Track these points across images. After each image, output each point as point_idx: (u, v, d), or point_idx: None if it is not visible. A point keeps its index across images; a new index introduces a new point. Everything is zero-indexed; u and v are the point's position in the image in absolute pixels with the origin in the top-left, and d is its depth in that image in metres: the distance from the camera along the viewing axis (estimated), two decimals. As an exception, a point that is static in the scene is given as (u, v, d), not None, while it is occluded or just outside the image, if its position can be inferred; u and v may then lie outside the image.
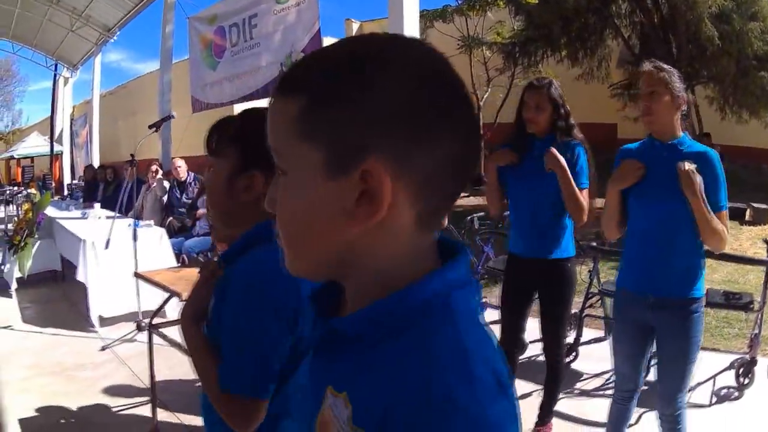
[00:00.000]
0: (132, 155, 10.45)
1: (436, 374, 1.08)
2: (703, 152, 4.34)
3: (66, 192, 21.80)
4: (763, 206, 17.25)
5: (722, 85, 19.54)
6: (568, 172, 5.20)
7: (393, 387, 1.10)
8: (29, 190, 23.20)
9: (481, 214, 11.95)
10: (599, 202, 5.37)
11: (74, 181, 25.98)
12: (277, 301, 2.30)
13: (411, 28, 9.63)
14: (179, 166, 13.77)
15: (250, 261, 2.38)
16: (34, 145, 40.22)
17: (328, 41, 12.80)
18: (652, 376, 5.10)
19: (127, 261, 9.95)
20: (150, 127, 10.08)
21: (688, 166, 4.19)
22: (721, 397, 6.65)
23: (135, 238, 9.64)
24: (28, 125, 69.03)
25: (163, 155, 17.04)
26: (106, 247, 9.55)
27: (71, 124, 31.19)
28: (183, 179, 13.79)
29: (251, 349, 2.31)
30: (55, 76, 29.50)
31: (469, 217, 11.80)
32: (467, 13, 24.83)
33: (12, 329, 10.25)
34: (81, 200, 17.59)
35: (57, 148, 31.21)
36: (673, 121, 4.41)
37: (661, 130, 4.47)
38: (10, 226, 21.94)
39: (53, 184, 25.43)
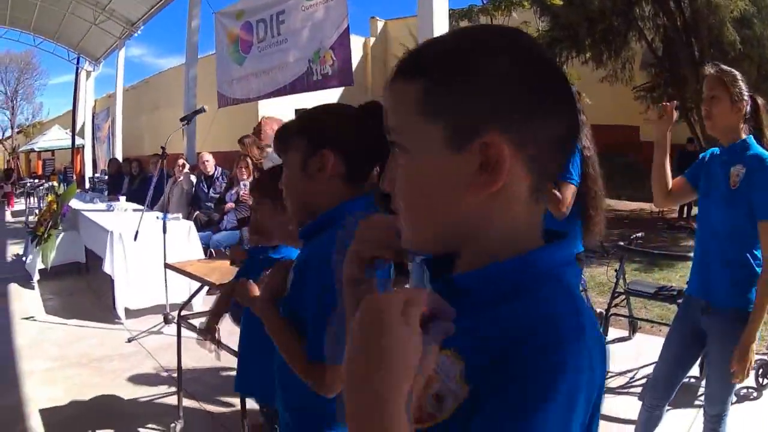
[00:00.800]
0: (163, 148, 10.45)
1: (553, 339, 1.16)
2: (758, 156, 4.20)
3: (88, 185, 21.85)
4: None
5: (744, 91, 19.47)
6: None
7: (508, 346, 1.15)
8: (51, 183, 23.29)
9: None
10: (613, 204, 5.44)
11: (96, 175, 26.02)
12: None
13: (440, 26, 9.60)
14: (207, 161, 13.82)
15: (327, 241, 2.45)
16: (56, 138, 40.36)
17: (354, 39, 12.78)
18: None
19: (154, 253, 9.98)
20: (181, 120, 10.15)
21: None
22: (741, 396, 6.69)
23: (165, 230, 9.64)
24: (48, 118, 69.29)
25: (188, 150, 17.06)
26: (135, 239, 9.51)
27: (93, 117, 31.22)
28: (210, 173, 13.84)
29: (332, 320, 2.21)
30: (77, 69, 29.53)
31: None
32: (492, 13, 24.89)
33: (35, 320, 10.30)
34: (106, 193, 17.64)
35: (78, 141, 31.27)
36: (735, 124, 4.31)
37: (721, 133, 4.39)
38: (31, 218, 22.11)
39: (74, 177, 25.45)
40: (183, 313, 6.80)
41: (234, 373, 7.49)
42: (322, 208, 2.67)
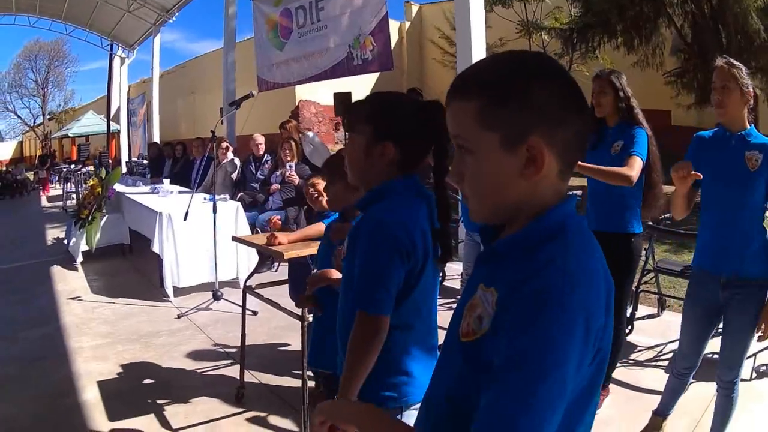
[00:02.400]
0: (213, 131, 10.61)
1: (547, 272, 1.64)
2: None
3: (125, 169, 22.02)
4: None
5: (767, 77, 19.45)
6: (595, 171, 5.73)
7: (524, 275, 1.65)
8: (87, 168, 23.44)
9: None
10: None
11: (133, 159, 26.14)
12: (397, 240, 2.93)
13: (476, 10, 9.70)
14: (259, 143, 13.96)
15: (378, 210, 3.05)
16: (90, 124, 40.61)
17: (390, 24, 12.93)
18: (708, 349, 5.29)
19: (203, 233, 10.22)
20: (230, 104, 10.36)
21: None
22: (761, 373, 6.91)
23: (215, 210, 9.85)
24: (80, 105, 69.46)
25: (229, 133, 17.19)
26: (185, 219, 9.69)
27: (128, 103, 31.36)
28: (261, 155, 13.96)
29: (378, 276, 2.93)
30: (110, 56, 29.65)
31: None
32: (526, -1, 25.05)
33: (81, 300, 10.48)
34: (148, 176, 17.80)
35: (113, 126, 31.43)
36: (742, 113, 4.71)
37: (731, 121, 4.77)
38: (69, 203, 22.25)
39: (110, 162, 25.60)
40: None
41: (285, 348, 7.71)
42: (376, 183, 3.14)
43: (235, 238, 7.66)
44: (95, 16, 26.68)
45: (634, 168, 5.63)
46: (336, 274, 3.84)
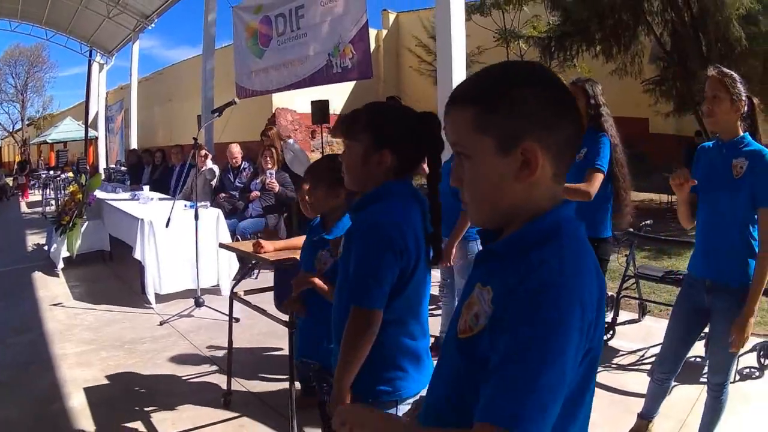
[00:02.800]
0: (195, 138, 10.67)
1: (545, 269, 1.74)
2: (759, 150, 4.69)
3: (103, 176, 21.98)
4: None
5: (751, 84, 19.50)
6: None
7: (516, 279, 1.75)
8: (66, 174, 23.45)
9: None
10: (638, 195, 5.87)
11: (112, 165, 26.12)
12: (391, 240, 3.08)
13: (457, 18, 9.79)
14: (236, 157, 14.01)
15: (373, 211, 3.19)
16: (68, 130, 40.51)
17: (370, 32, 13.06)
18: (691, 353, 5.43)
19: (184, 240, 10.26)
20: (213, 111, 10.37)
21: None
22: (744, 375, 7.07)
23: (197, 217, 9.90)
24: (59, 111, 69.28)
25: (207, 141, 17.22)
26: (167, 225, 9.73)
27: (106, 109, 31.31)
28: (238, 165, 14.01)
29: (372, 273, 3.08)
30: (89, 62, 29.64)
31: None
32: (504, 6, 25.13)
33: (63, 306, 10.49)
34: (128, 183, 17.82)
35: (91, 133, 31.40)
36: (734, 122, 4.79)
37: (721, 129, 4.88)
38: (48, 209, 22.24)
39: (87, 168, 25.56)
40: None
41: (269, 354, 7.77)
42: (371, 188, 3.29)
43: (222, 245, 7.72)
44: (75, 22, 26.68)
45: (593, 184, 5.90)
46: (316, 280, 4.02)
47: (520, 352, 1.64)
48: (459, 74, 9.48)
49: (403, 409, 3.26)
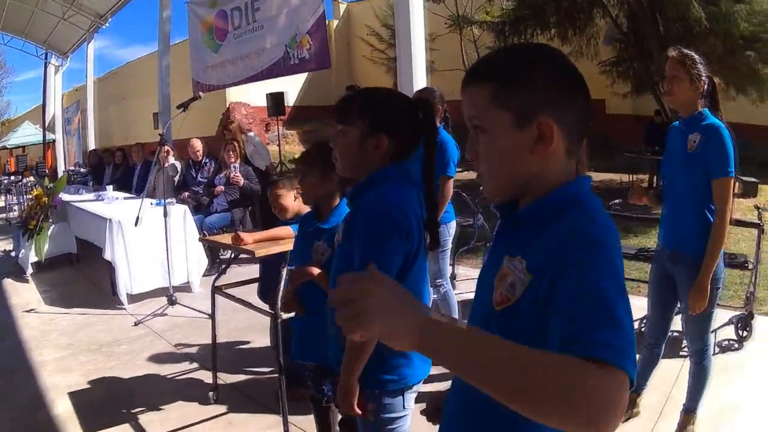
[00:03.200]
0: (161, 135, 10.71)
1: (578, 227, 1.83)
2: (712, 124, 4.93)
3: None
4: (752, 179, 18.17)
5: (710, 63, 19.55)
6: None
7: (553, 243, 1.81)
8: (27, 179, 23.32)
9: None
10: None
11: (71, 168, 25.94)
12: (395, 222, 3.09)
13: (417, 7, 9.79)
14: (198, 150, 14.00)
15: (376, 194, 3.18)
16: (26, 134, 40.22)
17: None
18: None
19: (154, 238, 10.27)
20: (178, 107, 10.26)
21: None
22: (724, 347, 7.32)
23: (166, 214, 9.90)
24: (16, 116, 68.75)
25: (166, 137, 17.17)
26: (136, 224, 9.68)
27: (63, 111, 31.11)
28: (200, 160, 14.00)
29: (379, 256, 3.02)
30: (45, 65, 29.47)
31: (480, 187, 12.14)
32: (458, -7, 25.25)
33: (37, 312, 10.42)
34: (90, 184, 17.75)
35: (49, 136, 31.22)
36: (692, 99, 5.04)
37: (681, 107, 5.15)
38: (11, 214, 22.09)
39: (46, 172, 25.41)
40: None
41: (248, 348, 7.78)
42: (366, 174, 3.28)
43: (204, 239, 7.74)
44: (31, 25, 26.37)
45: None
46: (316, 270, 3.99)
47: (595, 293, 1.63)
48: (419, 60, 9.48)
49: (410, 397, 3.31)
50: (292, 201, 5.88)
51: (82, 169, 21.97)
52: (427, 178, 3.31)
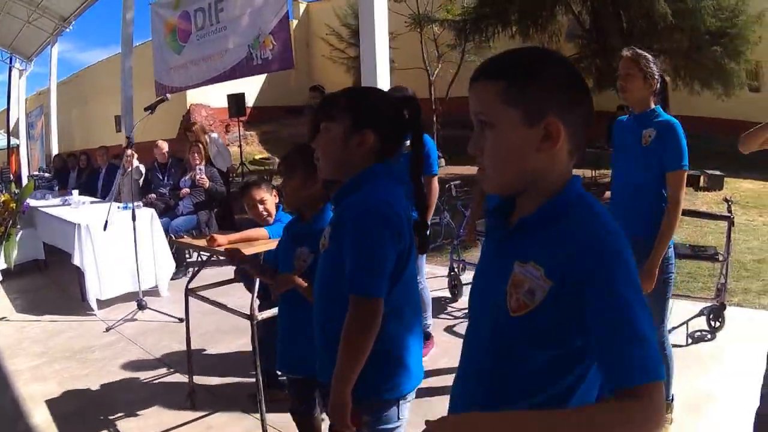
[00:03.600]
0: (128, 137, 10.72)
1: (595, 233, 1.96)
2: (667, 121, 5.25)
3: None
4: (717, 173, 18.56)
5: (674, 58, 19.70)
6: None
7: (571, 247, 1.94)
8: (-8, 185, 23.16)
9: (458, 182, 12.60)
10: None
11: (34, 172, 25.78)
12: (389, 221, 3.03)
13: (380, 4, 9.79)
14: (165, 151, 14.00)
15: (365, 193, 3.11)
16: (-11, 141, 40.00)
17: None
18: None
19: (122, 243, 10.26)
20: (145, 109, 10.27)
21: None
22: (697, 338, 7.55)
23: (134, 218, 9.86)
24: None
25: (131, 140, 17.10)
26: (105, 229, 9.69)
27: (27, 116, 30.91)
28: (165, 162, 13.97)
29: (372, 258, 2.99)
30: (10, 69, 29.26)
31: (447, 185, 12.17)
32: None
33: (8, 320, 10.36)
34: (56, 189, 17.66)
35: (12, 141, 31.02)
36: (646, 97, 5.35)
37: (634, 104, 5.44)
38: (-23, 221, 21.89)
39: (11, 177, 25.26)
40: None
41: (219, 352, 7.78)
42: (351, 174, 3.21)
43: (177, 241, 7.73)
44: (-3, 29, 26.27)
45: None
46: (299, 280, 4.00)
47: (624, 312, 1.84)
48: (383, 59, 9.50)
49: (405, 407, 3.25)
50: (273, 204, 5.90)
51: (46, 174, 21.86)
52: (415, 178, 3.29)
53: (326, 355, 3.21)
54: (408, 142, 3.35)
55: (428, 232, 3.37)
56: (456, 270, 10.47)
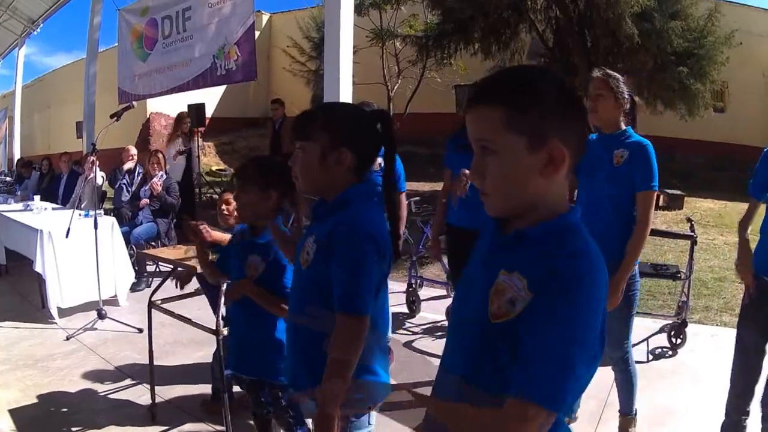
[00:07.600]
0: (93, 144, 10.67)
1: (574, 254, 2.04)
2: (638, 142, 5.38)
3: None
4: (677, 192, 18.77)
5: (638, 78, 19.80)
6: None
7: (551, 261, 2.00)
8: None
9: (417, 198, 12.63)
10: None
11: (-2, 177, 25.65)
12: (375, 242, 3.11)
13: (346, 16, 9.83)
14: (133, 155, 14.02)
15: (352, 215, 3.18)
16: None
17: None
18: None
19: (83, 250, 10.22)
20: (111, 116, 10.21)
21: None
22: (658, 355, 7.77)
23: (96, 226, 9.85)
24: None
25: (88, 147, 17.01)
26: (67, 236, 9.64)
27: (-9, 119, 30.72)
28: (132, 168, 13.89)
29: (362, 277, 3.07)
30: (-24, 72, 29.13)
31: (407, 201, 12.24)
32: (383, 6, 25.24)
33: (-31, 326, 10.23)
34: (18, 193, 17.59)
35: (-23, 144, 30.88)
36: (616, 117, 5.45)
37: (605, 124, 5.52)
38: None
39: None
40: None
41: (180, 364, 7.77)
42: (332, 192, 3.29)
43: (143, 254, 7.71)
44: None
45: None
46: (253, 288, 4.13)
47: (557, 337, 1.90)
48: (346, 73, 9.55)
49: (373, 414, 3.39)
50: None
51: (7, 178, 21.75)
52: (388, 191, 3.37)
53: (304, 370, 3.31)
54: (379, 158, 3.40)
55: (399, 242, 3.45)
56: (414, 286, 10.54)
